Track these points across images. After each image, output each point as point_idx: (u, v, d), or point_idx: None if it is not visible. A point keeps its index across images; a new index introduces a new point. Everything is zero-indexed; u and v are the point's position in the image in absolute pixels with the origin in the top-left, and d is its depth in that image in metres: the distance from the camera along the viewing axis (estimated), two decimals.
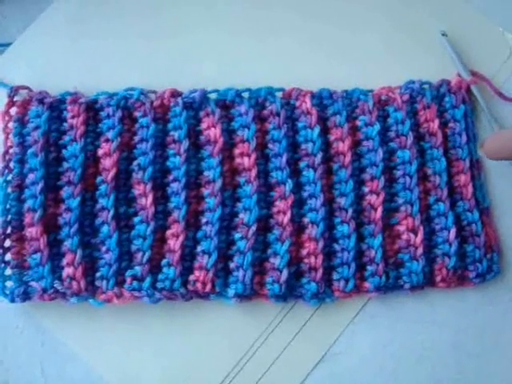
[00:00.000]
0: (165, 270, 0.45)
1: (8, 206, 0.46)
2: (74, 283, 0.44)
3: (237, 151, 0.47)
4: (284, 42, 0.52)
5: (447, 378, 0.46)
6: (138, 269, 0.44)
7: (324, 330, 0.46)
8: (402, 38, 0.52)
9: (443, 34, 0.52)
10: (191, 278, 0.45)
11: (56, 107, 0.47)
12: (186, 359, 0.45)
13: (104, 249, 0.45)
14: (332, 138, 0.48)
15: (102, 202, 0.46)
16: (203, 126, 0.48)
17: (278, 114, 0.48)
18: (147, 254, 0.45)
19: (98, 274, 0.45)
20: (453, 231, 0.46)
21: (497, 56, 0.52)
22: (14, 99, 0.48)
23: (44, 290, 0.44)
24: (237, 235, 0.45)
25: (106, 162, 0.46)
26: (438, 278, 0.46)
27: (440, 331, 0.46)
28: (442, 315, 0.47)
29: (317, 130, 0.47)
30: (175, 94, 0.48)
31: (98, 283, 0.45)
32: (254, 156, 0.46)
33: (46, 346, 0.46)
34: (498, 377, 0.46)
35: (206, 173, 0.47)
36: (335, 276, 0.46)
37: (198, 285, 0.44)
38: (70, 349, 0.45)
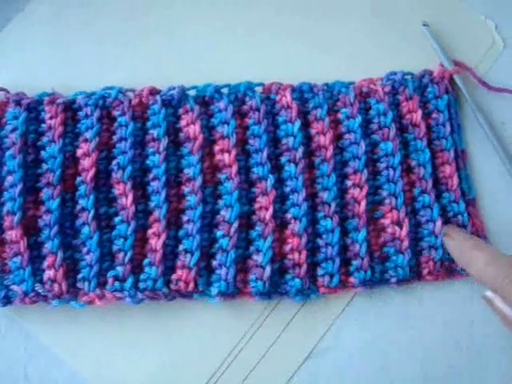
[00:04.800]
0: (147, 269, 0.44)
1: None
2: (56, 286, 0.43)
3: (217, 148, 0.46)
4: (263, 36, 0.51)
5: (436, 373, 0.45)
6: (119, 269, 0.44)
7: (310, 326, 0.46)
8: (383, 30, 0.52)
9: (424, 25, 0.51)
10: (174, 277, 0.44)
11: (34, 108, 0.47)
12: (171, 360, 0.45)
13: (85, 250, 0.44)
14: (313, 131, 0.47)
15: (81, 202, 0.45)
16: (182, 123, 0.47)
17: (257, 109, 0.47)
18: (129, 254, 0.44)
19: (79, 276, 0.44)
20: (439, 223, 0.45)
21: (479, 45, 0.52)
22: None
23: (25, 294, 0.43)
24: (219, 233, 0.45)
25: (85, 163, 0.45)
26: (425, 271, 0.45)
27: (428, 325, 0.46)
28: (430, 309, 0.46)
29: (297, 124, 0.46)
30: (154, 91, 0.48)
31: (79, 285, 0.44)
32: (234, 152, 0.46)
33: (29, 349, 0.45)
34: (488, 370, 0.45)
35: (186, 170, 0.46)
36: (320, 272, 0.45)
37: (181, 284, 0.44)
38: (54, 352, 0.45)
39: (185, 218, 0.45)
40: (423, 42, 0.51)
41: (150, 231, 0.45)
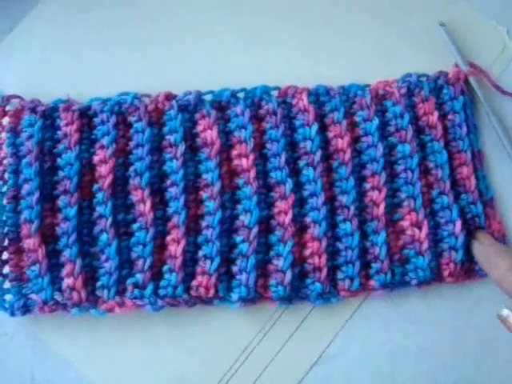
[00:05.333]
0: (166, 276, 0.44)
1: (4, 218, 0.45)
2: (75, 294, 0.43)
3: (234, 152, 0.46)
4: (277, 40, 0.51)
5: (445, 379, 0.45)
6: (139, 276, 0.44)
7: (319, 331, 0.45)
8: (396, 33, 0.52)
9: (441, 25, 0.51)
10: (194, 283, 0.44)
11: (49, 115, 0.47)
12: (182, 365, 0.44)
13: (104, 257, 0.44)
14: (331, 135, 0.47)
15: (99, 209, 0.45)
16: (199, 128, 0.47)
17: (274, 113, 0.47)
18: (148, 261, 0.44)
19: (98, 284, 0.44)
20: (458, 224, 0.45)
21: (491, 50, 0.52)
22: (6, 109, 0.47)
23: (44, 302, 0.43)
24: (238, 238, 0.45)
25: (102, 169, 0.45)
26: (446, 273, 0.45)
27: (437, 331, 0.45)
28: (439, 315, 0.46)
29: (315, 127, 0.46)
30: (170, 96, 0.47)
31: (98, 293, 0.44)
32: (252, 157, 0.46)
33: (37, 351, 0.45)
34: (497, 376, 0.45)
35: (204, 176, 0.46)
36: (340, 275, 0.45)
37: (201, 290, 0.44)
38: (61, 354, 0.44)
39: (204, 224, 0.45)
40: (436, 45, 0.51)
41: (168, 237, 0.45)
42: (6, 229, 0.45)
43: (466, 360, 0.45)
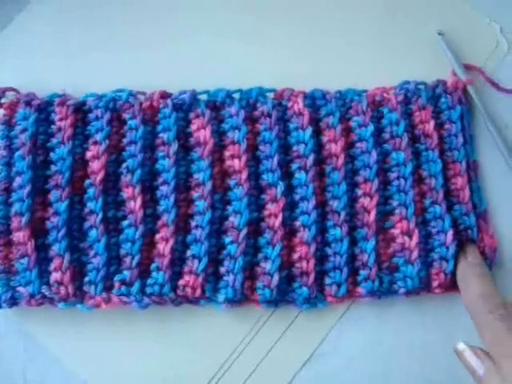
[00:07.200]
0: (154, 274, 0.44)
1: None
2: (62, 288, 0.43)
3: (227, 153, 0.46)
4: (275, 42, 0.51)
5: (437, 378, 0.44)
6: (126, 273, 0.44)
7: (310, 330, 0.45)
8: (395, 38, 0.51)
9: (439, 33, 0.50)
10: (181, 282, 0.44)
11: (44, 109, 0.47)
12: (171, 363, 0.44)
13: (92, 253, 0.44)
14: (325, 139, 0.47)
15: (90, 205, 0.45)
16: (193, 127, 0.47)
17: (269, 115, 0.47)
18: (136, 259, 0.44)
19: (86, 279, 0.44)
20: (450, 234, 0.45)
21: (484, 47, 0.51)
22: (1, 101, 0.47)
23: (31, 296, 0.43)
24: (227, 239, 0.45)
25: (95, 165, 0.45)
26: (435, 283, 0.44)
27: (428, 330, 0.45)
28: (431, 315, 0.45)
29: (309, 131, 0.46)
30: (165, 95, 0.47)
31: (86, 288, 0.44)
32: (244, 158, 0.45)
33: (29, 350, 0.45)
34: None
35: (195, 175, 0.46)
36: (327, 281, 0.45)
37: (188, 290, 0.44)
38: (53, 353, 0.44)
39: (193, 224, 0.45)
40: (434, 52, 0.50)
41: (158, 236, 0.45)
42: None
43: (458, 360, 0.44)
